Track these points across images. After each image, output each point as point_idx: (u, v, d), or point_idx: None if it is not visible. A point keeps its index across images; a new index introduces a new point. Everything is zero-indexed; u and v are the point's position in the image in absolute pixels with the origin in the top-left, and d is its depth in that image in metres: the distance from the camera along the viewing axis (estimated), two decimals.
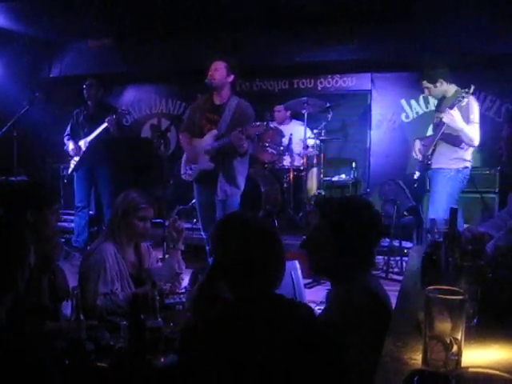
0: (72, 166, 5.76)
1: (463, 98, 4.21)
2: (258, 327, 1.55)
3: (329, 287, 2.03)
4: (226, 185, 4.20)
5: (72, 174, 5.81)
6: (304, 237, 1.96)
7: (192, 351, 1.57)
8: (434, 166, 4.49)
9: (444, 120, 4.24)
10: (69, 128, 5.83)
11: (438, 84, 4.45)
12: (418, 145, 4.63)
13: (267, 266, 1.67)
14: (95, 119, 5.64)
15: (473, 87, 4.23)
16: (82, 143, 5.70)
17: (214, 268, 1.75)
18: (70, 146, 5.72)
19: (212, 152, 4.17)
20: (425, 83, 4.51)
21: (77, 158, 5.70)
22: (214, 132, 4.18)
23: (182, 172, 4.39)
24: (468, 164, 4.45)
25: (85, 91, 5.72)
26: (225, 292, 1.71)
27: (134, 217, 2.68)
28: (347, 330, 1.60)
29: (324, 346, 1.59)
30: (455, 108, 4.21)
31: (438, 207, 4.28)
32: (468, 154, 4.44)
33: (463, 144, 4.35)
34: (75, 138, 5.75)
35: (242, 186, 4.36)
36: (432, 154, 4.47)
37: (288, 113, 6.57)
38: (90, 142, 5.64)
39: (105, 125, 5.49)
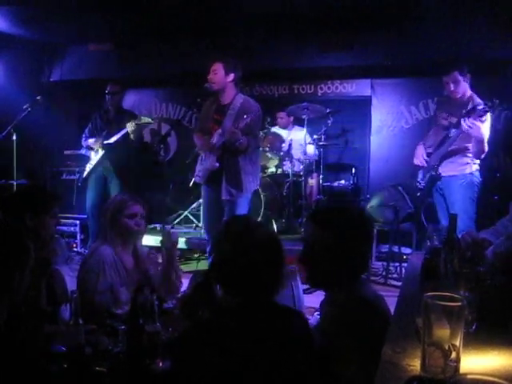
0: (88, 169, 5.73)
1: (486, 111, 3.90)
2: (247, 334, 1.54)
3: None
4: (229, 186, 4.13)
5: (87, 178, 5.75)
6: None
7: (183, 356, 1.56)
8: (445, 174, 4.24)
9: (464, 128, 3.95)
10: (87, 130, 5.80)
11: (466, 78, 4.10)
12: (421, 150, 4.37)
13: (264, 273, 1.65)
14: (115, 124, 5.62)
15: (497, 102, 3.90)
16: None
17: (210, 269, 1.72)
18: (90, 140, 5.66)
19: (216, 151, 4.14)
20: (456, 75, 4.09)
21: (93, 162, 5.68)
22: (219, 131, 4.13)
23: (195, 174, 4.38)
24: (477, 166, 4.22)
25: (107, 97, 5.70)
26: (218, 296, 1.69)
27: (123, 215, 2.70)
28: (345, 341, 1.58)
29: (316, 355, 1.57)
30: (478, 119, 3.92)
31: (462, 216, 3.92)
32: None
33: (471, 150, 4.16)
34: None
35: (251, 188, 4.27)
36: (440, 163, 4.21)
37: (291, 118, 6.58)
38: (108, 146, 5.62)
39: (125, 130, 5.45)
